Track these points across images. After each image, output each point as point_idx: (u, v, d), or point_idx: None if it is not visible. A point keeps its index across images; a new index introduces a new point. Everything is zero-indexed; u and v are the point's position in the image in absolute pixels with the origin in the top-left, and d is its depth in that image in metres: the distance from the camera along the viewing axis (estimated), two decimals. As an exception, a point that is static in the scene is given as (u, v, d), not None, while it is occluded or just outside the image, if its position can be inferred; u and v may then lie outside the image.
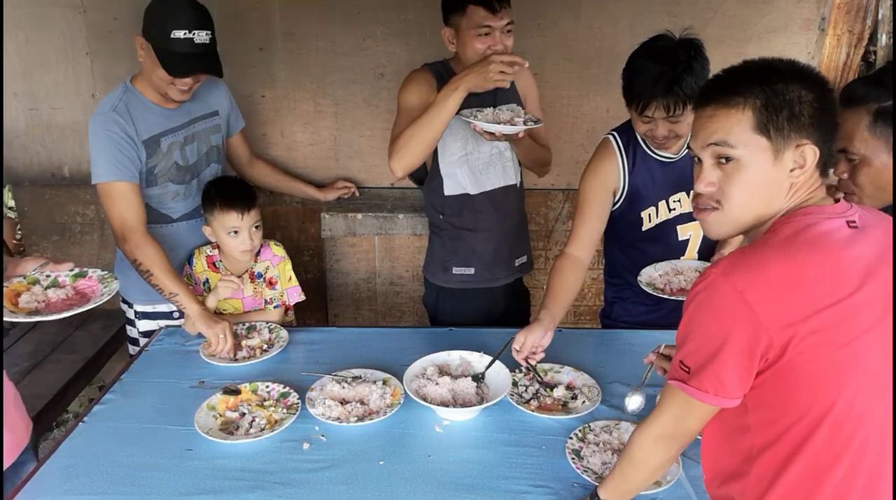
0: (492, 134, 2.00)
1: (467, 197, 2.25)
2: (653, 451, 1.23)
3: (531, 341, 1.75)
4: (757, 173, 1.10)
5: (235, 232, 2.07)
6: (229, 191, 2.10)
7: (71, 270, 1.65)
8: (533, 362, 1.80)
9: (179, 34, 1.92)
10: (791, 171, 1.10)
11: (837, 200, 1.16)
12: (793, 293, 1.03)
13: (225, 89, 2.33)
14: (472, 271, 2.32)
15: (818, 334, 1.03)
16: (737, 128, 1.10)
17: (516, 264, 2.40)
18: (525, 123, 2.01)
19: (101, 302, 1.60)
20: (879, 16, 3.04)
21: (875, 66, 3.22)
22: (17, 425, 1.65)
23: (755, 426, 1.12)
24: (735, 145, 1.10)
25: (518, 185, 2.33)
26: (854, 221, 1.12)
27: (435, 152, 2.20)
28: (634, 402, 1.69)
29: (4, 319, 1.50)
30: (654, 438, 1.21)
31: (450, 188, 2.25)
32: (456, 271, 2.33)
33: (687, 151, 1.90)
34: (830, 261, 1.06)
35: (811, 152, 1.09)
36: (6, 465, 1.59)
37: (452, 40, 2.08)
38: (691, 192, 1.85)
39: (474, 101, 2.02)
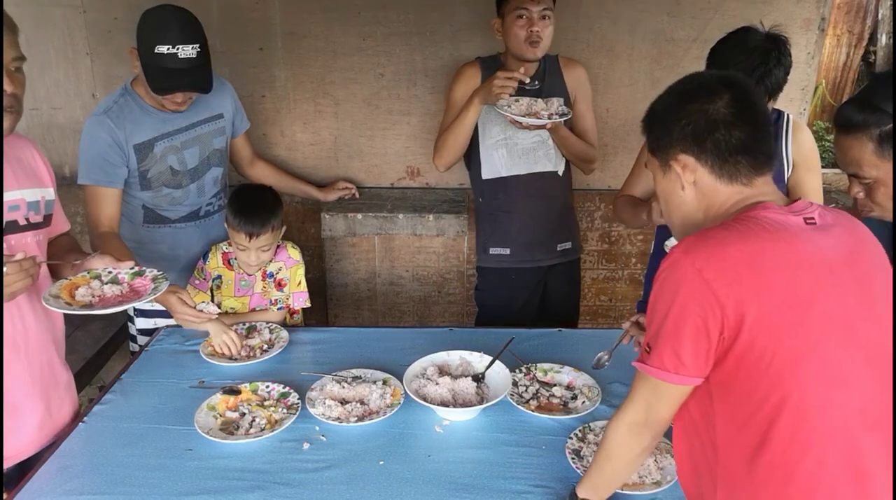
0: (521, 124, 2.21)
1: (502, 180, 2.41)
2: (626, 441, 1.24)
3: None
4: (658, 184, 1.29)
5: (242, 248, 2.08)
6: (247, 211, 2.03)
7: (131, 268, 1.73)
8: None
9: (163, 49, 1.89)
10: (683, 179, 1.21)
11: (796, 200, 1.20)
12: (749, 274, 1.07)
13: (230, 91, 2.31)
14: (507, 251, 2.47)
15: (774, 317, 1.06)
16: (644, 150, 1.37)
17: (559, 249, 2.51)
18: (550, 117, 2.20)
19: (148, 299, 1.68)
20: (879, 16, 3.05)
21: (875, 66, 3.23)
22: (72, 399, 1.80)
23: (720, 415, 1.13)
24: (649, 163, 1.31)
25: (560, 173, 2.44)
26: (812, 218, 1.16)
27: (476, 138, 2.39)
28: (602, 361, 1.77)
29: (62, 311, 1.59)
30: (627, 426, 1.23)
31: (487, 172, 2.43)
32: (493, 251, 2.49)
33: None
34: (787, 250, 1.10)
35: (688, 163, 1.20)
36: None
37: (500, 29, 2.29)
38: None
39: (520, 92, 2.24)
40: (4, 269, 1.39)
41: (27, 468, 1.57)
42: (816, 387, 1.07)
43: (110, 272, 1.71)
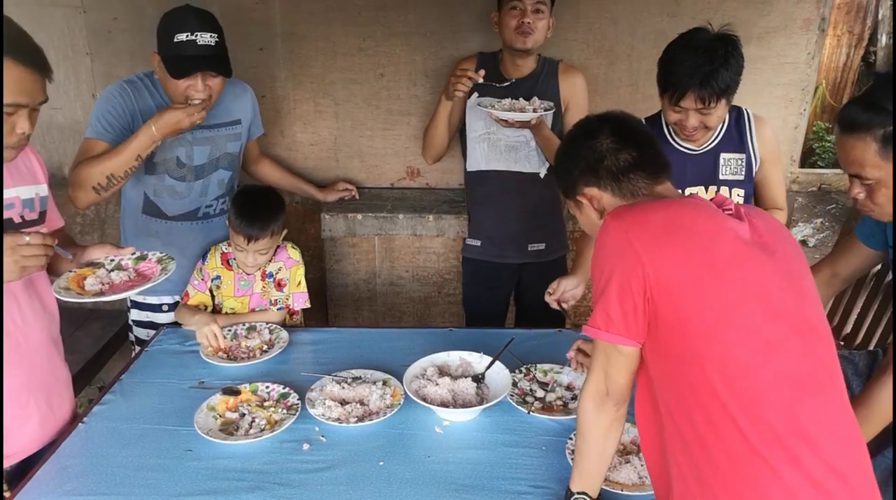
0: (507, 122, 2.23)
1: (482, 173, 2.47)
2: (593, 414, 1.29)
3: (564, 285, 1.95)
4: (581, 223, 1.42)
5: (241, 249, 2.08)
6: (248, 214, 2.03)
7: (133, 253, 1.74)
8: (566, 307, 1.97)
9: (182, 37, 1.93)
10: (593, 208, 1.34)
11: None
12: (669, 237, 1.16)
13: (251, 98, 2.34)
14: (478, 243, 2.55)
15: (691, 280, 1.12)
16: None
17: (530, 249, 2.52)
18: (535, 112, 2.21)
19: (159, 280, 1.69)
20: (879, 16, 3.05)
21: (875, 66, 3.23)
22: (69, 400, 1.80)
23: (656, 378, 1.19)
24: (570, 208, 1.44)
25: (542, 176, 2.45)
26: (730, 209, 1.24)
27: (465, 131, 2.46)
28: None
29: (73, 301, 1.60)
30: (591, 398, 1.28)
31: (470, 164, 2.50)
32: (468, 241, 2.59)
33: (709, 145, 2.01)
34: (706, 219, 1.19)
35: (593, 193, 1.34)
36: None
37: (497, 22, 2.34)
38: (710, 188, 2.01)
39: (492, 91, 2.31)
40: (27, 239, 1.39)
41: (28, 466, 1.57)
42: (739, 351, 1.10)
43: (112, 260, 1.72)
